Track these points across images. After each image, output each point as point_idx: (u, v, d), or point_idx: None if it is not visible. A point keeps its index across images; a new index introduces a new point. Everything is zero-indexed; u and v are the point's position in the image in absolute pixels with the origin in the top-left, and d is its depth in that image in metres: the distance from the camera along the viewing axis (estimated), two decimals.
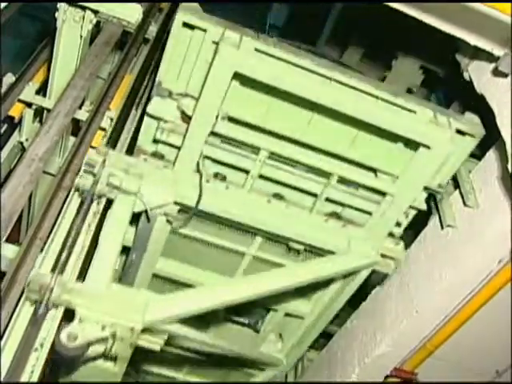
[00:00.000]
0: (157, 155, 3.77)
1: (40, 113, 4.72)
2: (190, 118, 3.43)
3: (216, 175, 3.83)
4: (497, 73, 3.74)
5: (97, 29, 4.47)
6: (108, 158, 3.48)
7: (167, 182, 3.62)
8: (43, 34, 5.09)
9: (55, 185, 3.24)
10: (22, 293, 2.76)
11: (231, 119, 3.48)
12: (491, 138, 4.08)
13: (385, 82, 7.92)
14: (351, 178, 3.78)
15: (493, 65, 3.87)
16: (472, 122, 3.70)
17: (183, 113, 3.51)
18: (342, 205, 4.03)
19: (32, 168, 2.92)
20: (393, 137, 3.55)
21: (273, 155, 3.66)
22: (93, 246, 3.13)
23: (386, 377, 5.14)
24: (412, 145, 3.55)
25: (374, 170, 3.82)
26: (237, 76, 3.23)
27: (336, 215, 4.06)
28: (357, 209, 4.01)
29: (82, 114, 4.19)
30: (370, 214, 3.99)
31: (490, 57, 3.81)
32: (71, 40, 4.35)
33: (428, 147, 3.45)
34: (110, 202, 3.44)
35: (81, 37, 4.37)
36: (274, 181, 3.87)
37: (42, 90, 4.69)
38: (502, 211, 3.81)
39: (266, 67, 3.23)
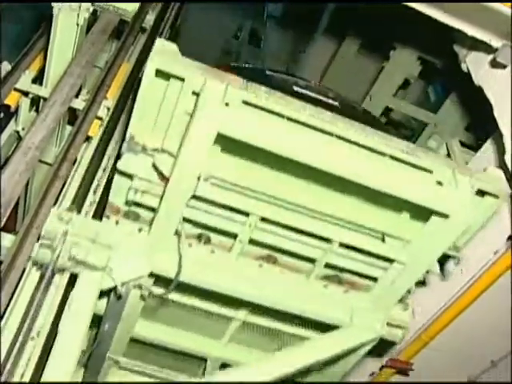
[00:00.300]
0: (131, 215, 3.27)
1: (36, 102, 4.69)
2: (167, 178, 2.95)
3: (199, 237, 3.35)
4: (495, 64, 3.75)
5: (93, 17, 4.44)
6: (71, 226, 3.01)
7: (142, 251, 3.17)
8: (40, 22, 5.05)
9: (52, 174, 3.23)
10: (19, 281, 2.76)
11: (215, 180, 2.99)
12: (488, 129, 4.09)
13: (383, 73, 7.91)
14: (354, 244, 3.28)
15: (491, 56, 3.87)
16: (495, 178, 3.11)
17: (160, 172, 3.01)
18: (344, 269, 3.54)
19: (28, 156, 2.92)
20: (405, 203, 3.05)
21: (264, 219, 3.19)
22: (53, 333, 2.75)
23: (382, 367, 5.18)
24: (427, 211, 3.04)
25: (380, 233, 3.32)
26: (221, 136, 2.73)
27: (337, 278, 3.57)
28: (361, 274, 3.52)
29: (79, 103, 4.16)
30: (376, 279, 3.50)
31: (488, 48, 3.80)
32: (68, 28, 4.32)
33: (446, 216, 2.98)
34: (74, 276, 3.04)
35: (77, 25, 4.33)
36: (266, 245, 3.38)
37: (39, 79, 4.67)
38: None
39: (255, 126, 2.71)
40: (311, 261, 3.44)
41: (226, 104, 2.67)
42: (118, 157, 3.01)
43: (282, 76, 4.02)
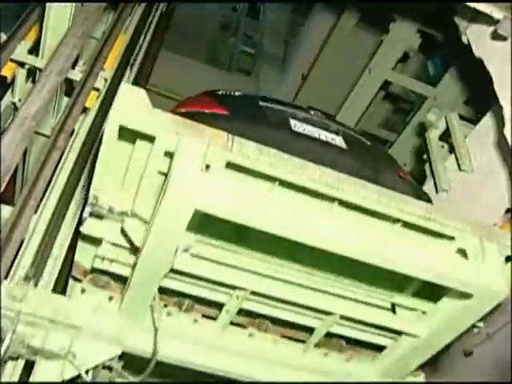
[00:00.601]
0: (99, 282, 2.79)
1: (33, 73, 4.65)
2: (138, 247, 2.45)
3: (180, 304, 2.89)
4: (496, 36, 3.71)
5: None
6: (26, 303, 2.47)
7: (111, 327, 2.68)
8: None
9: (49, 145, 3.22)
10: (17, 253, 2.76)
11: (197, 251, 2.54)
12: (487, 102, 4.07)
13: (382, 46, 7.84)
14: (358, 318, 2.83)
15: (492, 28, 3.83)
16: None
17: (129, 241, 2.50)
18: (346, 338, 3.11)
19: (24, 127, 2.89)
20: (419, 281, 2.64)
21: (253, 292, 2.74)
22: None
23: None
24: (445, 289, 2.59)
25: (389, 303, 2.94)
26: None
27: (338, 345, 3.15)
28: (367, 343, 3.09)
29: (76, 74, 4.12)
30: (384, 347, 3.08)
31: (489, 20, 3.76)
32: None
33: (470, 296, 2.51)
34: (30, 363, 2.60)
35: None
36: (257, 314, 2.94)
37: (35, 50, 4.62)
38: (498, 175, 3.82)
39: (241, 199, 2.21)
40: (309, 329, 3.03)
41: (207, 166, 2.21)
42: (81, 217, 2.52)
43: (277, 107, 3.59)
